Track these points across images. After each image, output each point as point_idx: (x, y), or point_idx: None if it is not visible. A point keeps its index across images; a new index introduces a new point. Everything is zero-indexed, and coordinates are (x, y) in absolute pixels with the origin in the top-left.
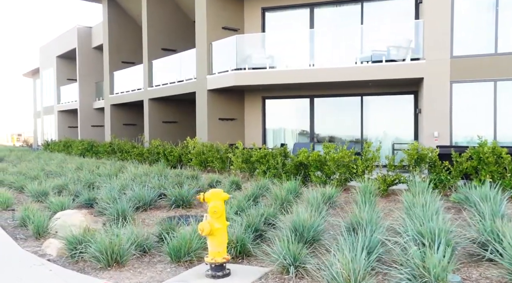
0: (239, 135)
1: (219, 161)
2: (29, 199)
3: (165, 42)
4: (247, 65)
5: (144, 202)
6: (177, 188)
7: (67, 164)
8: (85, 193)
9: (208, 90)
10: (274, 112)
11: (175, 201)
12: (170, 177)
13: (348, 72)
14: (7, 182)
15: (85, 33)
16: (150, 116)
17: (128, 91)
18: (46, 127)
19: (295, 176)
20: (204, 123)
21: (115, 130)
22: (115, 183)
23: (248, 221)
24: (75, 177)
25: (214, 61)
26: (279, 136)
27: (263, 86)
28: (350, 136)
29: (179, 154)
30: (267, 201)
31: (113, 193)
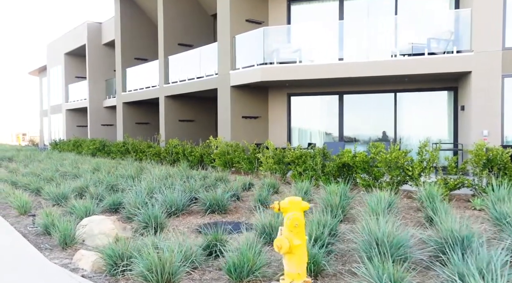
0: (263, 134)
1: (246, 162)
2: (48, 203)
3: (182, 37)
4: (274, 59)
5: (176, 207)
6: (210, 191)
7: (82, 164)
8: (108, 196)
9: (232, 87)
10: (300, 110)
11: (209, 206)
12: (196, 178)
13: (382, 67)
14: (22, 183)
15: (95, 29)
16: (166, 115)
17: (142, 89)
18: (54, 127)
19: (335, 179)
20: (227, 122)
21: (128, 129)
22: (141, 185)
23: (310, 232)
24: (94, 179)
25: (238, 56)
26: (304, 135)
27: (289, 82)
28: (382, 135)
29: (200, 154)
30: (316, 207)
31: (141, 196)
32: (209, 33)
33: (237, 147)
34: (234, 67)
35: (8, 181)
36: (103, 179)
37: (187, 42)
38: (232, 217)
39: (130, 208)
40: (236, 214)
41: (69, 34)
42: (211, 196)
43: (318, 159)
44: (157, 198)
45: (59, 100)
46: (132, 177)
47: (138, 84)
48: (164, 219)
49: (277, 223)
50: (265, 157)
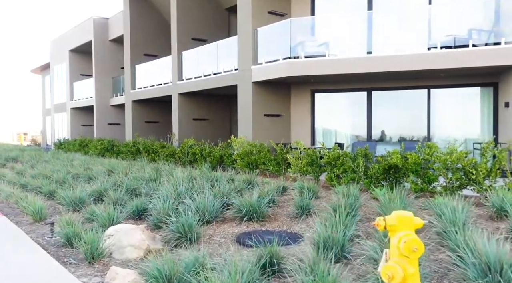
0: (285, 134)
1: (273, 163)
2: (63, 208)
3: (196, 32)
4: (298, 53)
5: (209, 214)
6: (242, 195)
7: (94, 165)
8: (129, 201)
9: (253, 83)
10: (325, 108)
11: (246, 213)
12: (222, 181)
13: (416, 60)
14: (32, 186)
15: (101, 24)
16: (180, 113)
17: (152, 86)
18: (57, 126)
19: (379, 182)
20: (248, 120)
21: (137, 129)
22: (167, 189)
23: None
24: (110, 181)
25: (260, 50)
26: (329, 135)
27: (315, 78)
28: (414, 135)
29: (220, 155)
30: (372, 216)
31: (169, 202)
32: (224, 27)
33: (261, 147)
34: (256, 62)
35: (17, 183)
36: (120, 182)
37: (201, 37)
38: (271, 225)
39: (158, 215)
40: (276, 222)
41: (74, 30)
42: (247, 201)
43: (360, 160)
44: (186, 203)
45: (63, 99)
46: (152, 180)
47: (148, 81)
48: (198, 228)
49: (339, 236)
50: (295, 158)
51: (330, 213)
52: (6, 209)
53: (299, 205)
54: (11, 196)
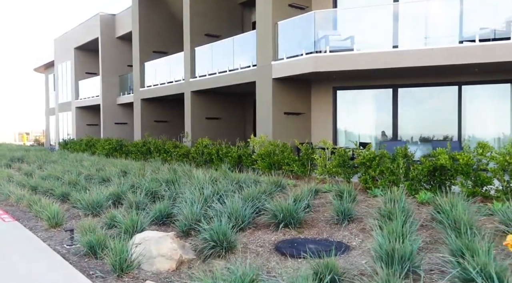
0: (305, 133)
1: (298, 164)
2: (80, 212)
3: (209, 27)
4: (322, 48)
5: (242, 220)
6: (274, 199)
7: (105, 166)
8: (151, 205)
9: (273, 79)
10: (348, 106)
11: (282, 219)
12: (247, 183)
13: (447, 54)
14: (43, 188)
15: (108, 21)
16: (193, 112)
17: (163, 84)
18: (61, 126)
19: (420, 185)
20: (268, 119)
21: (146, 128)
22: (192, 192)
23: None
24: (127, 183)
25: (280, 45)
26: (352, 134)
27: (338, 74)
28: (443, 134)
29: (238, 155)
30: (430, 225)
31: (197, 206)
32: (237, 23)
33: (284, 147)
34: (277, 57)
35: (26, 185)
36: (137, 184)
37: (215, 33)
38: (309, 232)
39: (185, 221)
40: (314, 229)
41: (79, 28)
42: (282, 206)
43: (400, 161)
44: (216, 208)
45: (68, 98)
46: (170, 181)
47: (158, 79)
48: (232, 235)
49: (405, 247)
50: (322, 158)
51: (376, 219)
52: (18, 213)
53: (339, 209)
54: (22, 199)
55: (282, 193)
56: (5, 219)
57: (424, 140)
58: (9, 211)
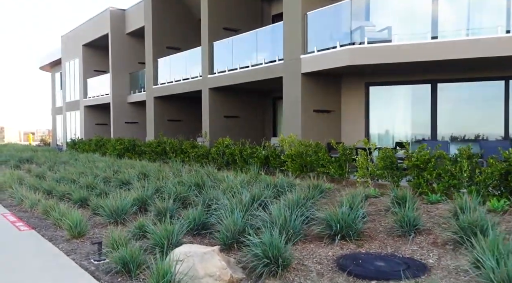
0: (335, 132)
1: (335, 166)
2: (102, 219)
3: (227, 21)
4: (364, 39)
5: (293, 231)
6: (322, 206)
7: (122, 167)
8: (181, 212)
9: (302, 74)
10: (381, 103)
11: (339, 230)
12: (284, 188)
13: (492, 46)
14: (59, 192)
15: (118, 16)
16: (211, 110)
17: (178, 81)
18: (69, 125)
19: (487, 190)
20: (296, 117)
21: (159, 127)
22: (228, 198)
23: None
24: (151, 187)
25: (310, 37)
26: (386, 133)
27: (373, 68)
28: (489, 133)
29: (265, 156)
30: None
31: (238, 215)
32: (256, 16)
33: (318, 147)
34: (306, 50)
35: (39, 188)
36: (162, 187)
37: (233, 27)
38: (370, 245)
39: (227, 232)
40: (374, 241)
41: (88, 24)
42: (336, 214)
43: (464, 163)
44: (258, 216)
45: (75, 96)
46: (197, 185)
47: (173, 76)
48: (287, 250)
49: None
50: (363, 160)
51: (455, 232)
52: (33, 221)
53: (402, 219)
54: (36, 204)
55: (325, 199)
56: (20, 227)
57: (467, 140)
58: (24, 217)
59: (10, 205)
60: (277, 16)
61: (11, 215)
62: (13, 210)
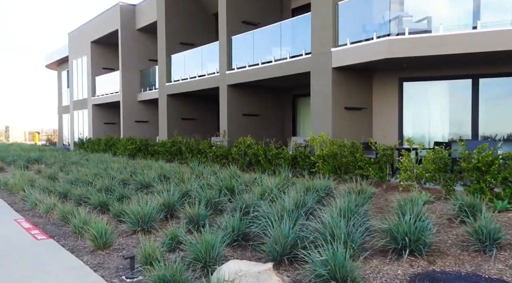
0: (366, 130)
1: (375, 168)
2: (125, 227)
3: (246, 14)
4: (405, 29)
5: (352, 245)
6: (389, 217)
7: (139, 168)
8: (214, 219)
9: (333, 69)
10: (416, 100)
11: (406, 243)
12: (322, 192)
13: None
14: (75, 196)
15: (128, 12)
16: (229, 108)
17: (193, 78)
18: (76, 124)
19: None
20: (326, 114)
21: (172, 126)
22: (268, 205)
23: None
24: (176, 191)
25: (341, 29)
26: (421, 132)
27: (411, 62)
28: None
29: (293, 156)
30: None
31: (285, 224)
32: (276, 9)
33: (354, 147)
34: (337, 43)
35: (53, 191)
36: (187, 191)
37: (253, 20)
38: (444, 262)
39: (276, 244)
40: (448, 257)
41: (97, 20)
42: (400, 225)
43: None
44: (308, 226)
45: (83, 95)
46: (227, 189)
47: (187, 72)
48: (353, 268)
49: None
50: (408, 161)
51: None
52: (50, 228)
53: (479, 231)
54: (52, 208)
55: (375, 206)
56: (36, 235)
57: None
58: (39, 224)
59: (22, 210)
60: (297, 10)
61: (25, 221)
62: (26, 215)
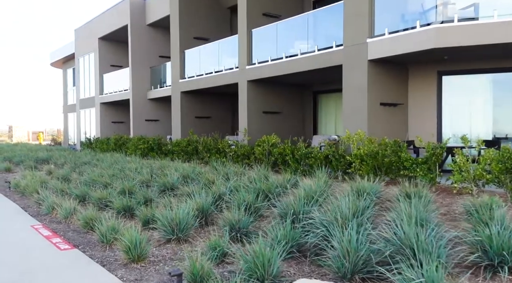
0: (401, 128)
1: (424, 168)
2: (156, 234)
3: (266, 6)
4: (454, 16)
5: (439, 259)
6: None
7: (156, 168)
8: (256, 225)
9: (369, 61)
10: (457, 95)
11: (501, 259)
12: (371, 196)
13: None
14: (95, 199)
15: (138, 6)
16: (249, 105)
17: (209, 74)
18: (83, 123)
19: None
20: (361, 111)
21: (186, 125)
22: (322, 212)
23: None
24: (206, 194)
25: (377, 18)
26: (462, 129)
27: (455, 53)
28: None
29: (325, 156)
30: None
31: (351, 233)
32: (296, 2)
33: (397, 146)
34: (373, 34)
35: (69, 193)
36: (218, 193)
37: (273, 12)
38: None
39: (344, 259)
40: None
41: (105, 15)
42: (495, 237)
43: None
44: (378, 235)
45: (90, 93)
46: (264, 191)
47: (203, 68)
48: None
49: None
50: (464, 161)
51: None
52: (71, 235)
53: None
54: (71, 213)
55: (437, 212)
56: (58, 244)
57: None
58: (58, 230)
59: (38, 214)
60: (319, 2)
61: (43, 228)
62: (43, 220)
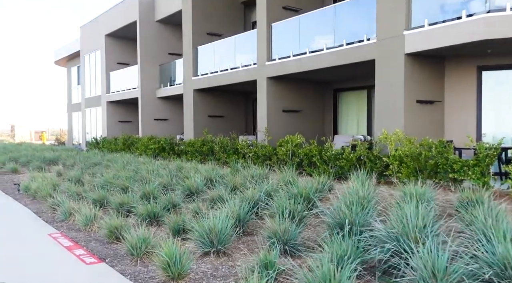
0: (437, 127)
1: (477, 171)
2: (192, 246)
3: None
4: (507, 4)
5: None
6: None
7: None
8: (301, 234)
9: (406, 55)
10: (498, 92)
11: None
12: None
13: None
14: (114, 204)
15: (147, 2)
16: (269, 103)
17: (225, 70)
18: (88, 123)
19: None
20: (396, 108)
21: (199, 124)
22: (379, 221)
23: None
24: (242, 200)
25: (414, 9)
26: (504, 129)
27: (496, 46)
28: None
29: (357, 157)
30: None
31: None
32: None
33: (442, 147)
34: (410, 26)
35: (85, 197)
36: (253, 199)
37: (294, 6)
38: None
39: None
40: None
41: (112, 11)
42: None
43: None
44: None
45: (96, 92)
46: (302, 197)
47: (217, 65)
48: None
49: None
50: None
51: None
52: (94, 245)
53: None
54: (92, 220)
55: None
56: (84, 257)
57: None
58: (79, 240)
59: (53, 220)
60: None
61: (62, 236)
62: (60, 227)
